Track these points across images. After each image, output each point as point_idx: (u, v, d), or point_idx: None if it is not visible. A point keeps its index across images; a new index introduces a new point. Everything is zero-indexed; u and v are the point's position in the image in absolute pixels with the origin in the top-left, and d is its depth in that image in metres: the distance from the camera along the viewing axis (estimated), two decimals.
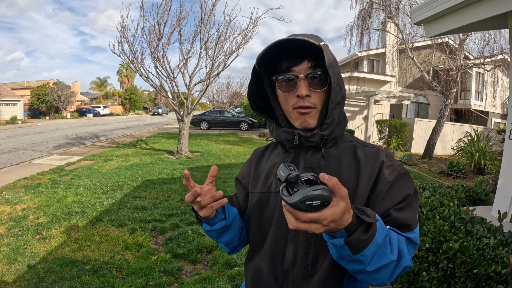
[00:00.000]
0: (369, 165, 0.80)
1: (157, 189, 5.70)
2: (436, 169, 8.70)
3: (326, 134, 0.80)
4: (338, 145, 0.85)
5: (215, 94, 34.00)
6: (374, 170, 0.79)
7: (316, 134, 0.80)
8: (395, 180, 0.77)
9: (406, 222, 0.73)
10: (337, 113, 0.80)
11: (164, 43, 8.48)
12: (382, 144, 12.75)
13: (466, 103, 16.04)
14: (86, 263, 3.03)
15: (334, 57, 0.80)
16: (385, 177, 0.77)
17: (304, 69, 0.79)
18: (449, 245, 1.69)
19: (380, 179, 0.78)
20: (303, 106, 0.80)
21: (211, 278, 2.80)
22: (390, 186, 0.77)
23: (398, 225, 0.73)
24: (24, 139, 13.17)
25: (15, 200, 4.93)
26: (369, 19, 11.05)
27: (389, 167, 0.80)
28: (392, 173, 0.78)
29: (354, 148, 0.84)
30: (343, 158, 0.83)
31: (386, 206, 0.75)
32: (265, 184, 0.89)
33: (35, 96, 30.62)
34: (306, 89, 0.79)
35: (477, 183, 3.91)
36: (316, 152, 0.84)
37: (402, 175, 0.79)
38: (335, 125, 0.81)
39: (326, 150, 0.83)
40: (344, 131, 0.87)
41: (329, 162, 0.83)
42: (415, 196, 0.78)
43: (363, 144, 0.86)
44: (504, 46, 9.82)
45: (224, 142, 13.15)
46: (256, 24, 8.66)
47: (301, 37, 0.76)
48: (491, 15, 3.04)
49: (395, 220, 0.73)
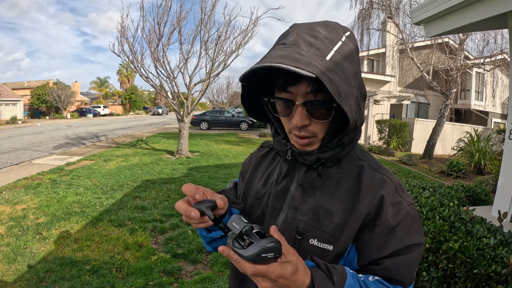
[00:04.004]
0: (370, 195, 0.65)
1: (157, 189, 5.70)
2: (436, 169, 8.70)
3: (325, 158, 0.67)
4: (343, 164, 0.71)
5: (215, 94, 34.08)
6: (374, 204, 0.65)
7: (311, 154, 0.67)
8: (398, 225, 0.64)
9: (399, 278, 0.64)
10: (348, 138, 0.66)
11: (164, 43, 8.49)
12: (382, 144, 12.76)
13: (466, 103, 16.04)
14: (86, 263, 3.03)
15: (351, 68, 0.61)
16: (387, 219, 0.64)
17: (303, 93, 0.62)
18: (449, 245, 1.69)
19: (380, 220, 0.64)
20: (298, 136, 0.66)
21: (211, 278, 2.80)
22: (391, 232, 0.64)
23: (389, 278, 0.64)
24: (24, 139, 13.17)
25: (15, 200, 4.93)
26: (369, 19, 11.06)
27: (395, 205, 0.65)
28: (397, 215, 0.64)
29: (360, 170, 0.70)
30: (344, 181, 0.69)
31: (379, 253, 0.64)
32: (260, 189, 0.80)
33: (35, 96, 30.62)
34: (303, 118, 0.63)
35: (477, 183, 3.91)
36: (312, 170, 0.71)
37: (409, 218, 0.66)
38: (340, 149, 0.67)
39: (324, 169, 0.71)
40: (353, 148, 0.72)
41: (325, 183, 0.70)
42: (418, 249, 0.65)
43: (372, 166, 0.70)
44: (504, 46, 9.83)
45: (224, 142, 13.15)
46: (256, 24, 8.67)
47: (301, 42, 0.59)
48: (491, 15, 3.04)
49: (385, 271, 0.64)
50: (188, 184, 0.63)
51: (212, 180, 6.46)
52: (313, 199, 0.70)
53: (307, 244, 0.67)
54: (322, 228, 0.67)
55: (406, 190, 0.70)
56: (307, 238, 0.68)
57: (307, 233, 0.68)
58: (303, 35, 0.60)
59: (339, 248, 0.66)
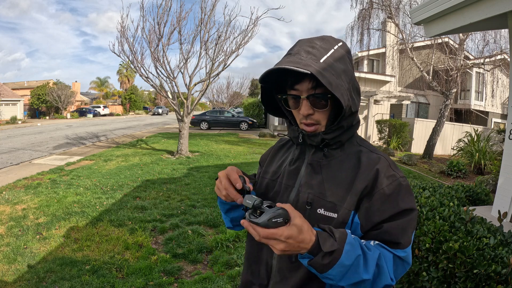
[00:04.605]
0: (367, 170, 0.79)
1: (157, 189, 5.70)
2: (436, 169, 8.70)
3: (328, 138, 0.82)
4: (345, 148, 0.86)
5: (215, 94, 34.05)
6: (370, 176, 0.78)
7: (317, 135, 0.82)
8: (392, 193, 0.76)
9: (396, 239, 0.74)
10: (346, 122, 0.81)
11: (164, 43, 8.49)
12: (382, 144, 12.76)
13: (466, 103, 16.05)
14: (86, 263, 3.03)
15: (340, 67, 0.78)
16: (382, 187, 0.76)
17: (305, 89, 0.79)
18: (449, 245, 1.69)
19: (377, 189, 0.77)
20: (305, 123, 0.83)
21: (211, 278, 2.80)
22: (386, 198, 0.76)
23: (388, 241, 0.74)
24: (24, 139, 13.17)
25: (15, 200, 4.93)
26: (369, 19, 11.06)
27: (389, 177, 0.78)
28: (391, 184, 0.77)
29: (359, 153, 0.84)
30: (346, 162, 0.83)
31: (378, 218, 0.75)
32: (276, 173, 0.94)
33: (35, 96, 30.62)
34: (308, 108, 0.81)
35: (477, 183, 3.91)
36: (319, 151, 0.86)
37: (402, 188, 0.77)
38: (341, 131, 0.82)
39: (329, 150, 0.85)
40: (353, 135, 0.87)
41: (330, 162, 0.84)
42: (411, 214, 0.76)
43: (370, 149, 0.86)
44: (504, 46, 9.82)
45: (224, 142, 13.15)
46: (256, 24, 8.68)
47: (302, 51, 0.76)
48: (491, 15, 3.04)
49: (385, 234, 0.74)
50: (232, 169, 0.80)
51: (212, 180, 6.45)
52: (320, 175, 0.83)
53: (316, 213, 0.80)
54: (327, 199, 0.80)
55: (398, 167, 0.83)
56: (315, 208, 0.80)
57: (315, 204, 0.80)
58: (304, 47, 0.79)
59: (343, 215, 0.77)
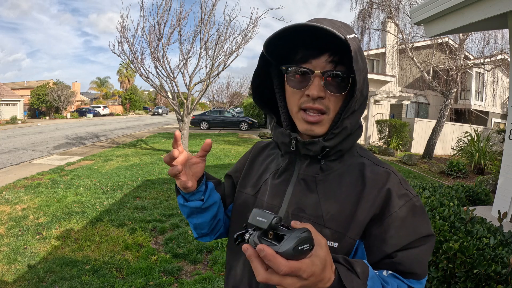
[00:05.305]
0: (375, 189, 0.65)
1: (157, 189, 5.70)
2: (436, 169, 8.70)
3: (329, 146, 0.66)
4: (345, 159, 0.71)
5: (215, 94, 34.06)
6: (380, 198, 0.64)
7: (316, 143, 0.66)
8: (407, 216, 0.63)
9: (413, 270, 0.62)
10: (349, 123, 0.66)
11: (164, 43, 8.49)
12: (382, 144, 12.75)
13: (466, 103, 16.04)
14: (86, 263, 3.03)
15: (363, 56, 0.65)
16: (395, 210, 0.63)
17: (323, 64, 0.64)
18: (449, 245, 1.69)
19: (389, 212, 0.63)
20: (312, 108, 0.65)
21: (211, 278, 2.80)
22: (401, 223, 0.63)
23: (402, 271, 0.62)
24: (24, 139, 13.17)
25: (15, 200, 4.93)
26: (369, 19, 11.06)
27: (401, 197, 0.64)
28: (405, 206, 0.64)
29: (362, 166, 0.69)
30: (347, 176, 0.68)
31: (392, 246, 0.62)
32: (255, 186, 0.78)
33: (35, 96, 30.61)
34: (320, 89, 0.64)
35: (477, 183, 3.91)
36: (315, 163, 0.70)
37: (417, 209, 0.65)
38: (343, 136, 0.67)
39: (327, 162, 0.69)
40: (355, 144, 0.73)
41: (328, 177, 0.69)
42: (429, 241, 0.64)
43: (374, 162, 0.71)
44: (504, 46, 9.82)
45: (224, 142, 13.15)
46: (256, 24, 8.69)
47: (324, 24, 0.60)
48: (491, 15, 3.04)
49: (399, 265, 0.62)
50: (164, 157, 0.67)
51: None
52: (315, 194, 0.68)
53: None
54: (326, 225, 0.64)
55: (408, 183, 0.69)
56: None
57: None
58: (326, 22, 0.64)
59: (346, 245, 0.63)
